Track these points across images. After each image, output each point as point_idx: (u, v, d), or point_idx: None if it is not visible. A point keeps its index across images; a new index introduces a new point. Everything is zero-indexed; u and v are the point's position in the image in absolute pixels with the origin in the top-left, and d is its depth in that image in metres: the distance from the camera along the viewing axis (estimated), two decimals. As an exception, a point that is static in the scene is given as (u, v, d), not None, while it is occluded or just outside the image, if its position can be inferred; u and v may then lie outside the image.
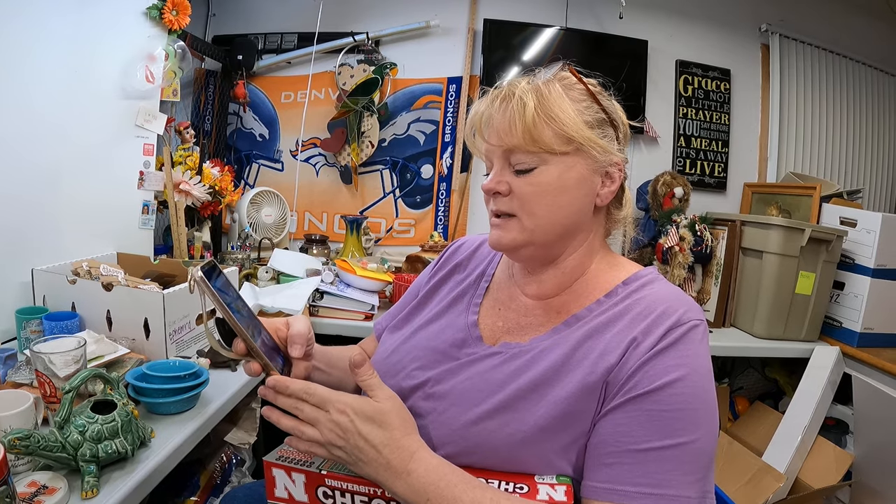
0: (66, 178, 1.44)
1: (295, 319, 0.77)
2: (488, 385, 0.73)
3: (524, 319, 0.81)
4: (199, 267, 0.66)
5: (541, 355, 0.73)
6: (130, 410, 0.87)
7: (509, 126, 0.73)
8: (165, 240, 2.05)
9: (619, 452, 0.64)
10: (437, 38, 2.46)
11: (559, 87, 0.75)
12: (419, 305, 0.95)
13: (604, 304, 0.75)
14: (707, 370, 0.68)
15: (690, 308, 0.71)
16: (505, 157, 0.75)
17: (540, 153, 0.73)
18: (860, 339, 1.91)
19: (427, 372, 0.80)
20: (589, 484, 0.66)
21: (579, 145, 0.73)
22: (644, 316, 0.70)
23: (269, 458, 0.73)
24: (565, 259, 0.79)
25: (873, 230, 1.90)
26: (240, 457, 1.51)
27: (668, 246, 2.11)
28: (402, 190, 2.53)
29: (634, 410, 0.65)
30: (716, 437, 0.68)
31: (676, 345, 0.67)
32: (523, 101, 0.72)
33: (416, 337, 0.87)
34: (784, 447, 1.76)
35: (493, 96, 0.76)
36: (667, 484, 0.62)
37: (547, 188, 0.73)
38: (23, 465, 0.79)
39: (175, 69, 1.71)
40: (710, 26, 2.57)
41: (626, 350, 0.68)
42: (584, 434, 0.68)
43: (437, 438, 0.72)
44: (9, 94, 1.26)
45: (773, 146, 2.59)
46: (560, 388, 0.69)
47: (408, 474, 0.64)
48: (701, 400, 0.66)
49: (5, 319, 1.25)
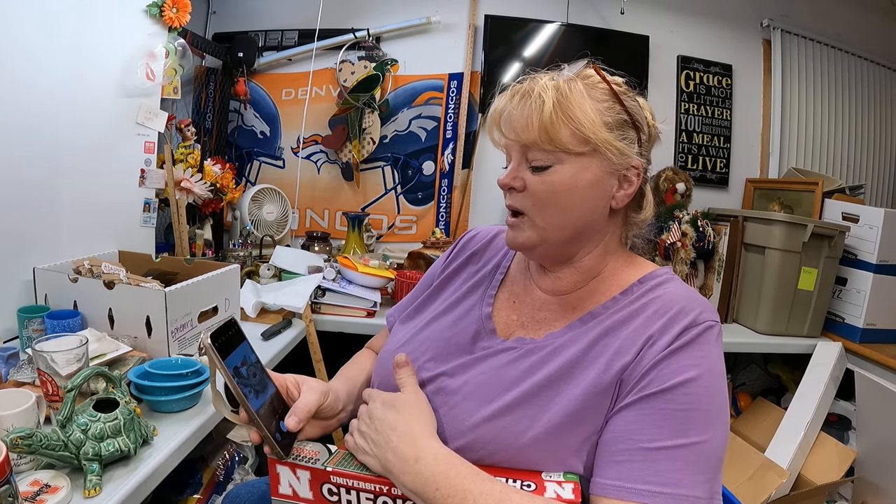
0: (67, 176, 1.44)
1: (308, 387, 0.77)
2: (502, 381, 0.73)
3: (539, 314, 0.81)
4: (210, 332, 0.66)
5: (556, 352, 0.73)
6: (133, 409, 0.87)
7: (527, 122, 0.73)
8: (167, 238, 2.05)
9: (630, 450, 0.64)
10: (438, 35, 2.46)
11: (581, 85, 0.74)
12: (432, 295, 0.94)
13: (620, 301, 0.75)
14: (721, 372, 0.69)
15: (706, 309, 0.71)
16: (522, 153, 0.76)
17: (556, 152, 0.72)
18: (863, 335, 1.91)
19: (440, 365, 0.79)
20: (598, 481, 0.66)
21: (596, 146, 0.72)
22: (661, 314, 0.70)
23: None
24: (581, 259, 0.79)
25: (876, 226, 1.90)
26: (242, 454, 1.51)
27: (670, 242, 2.10)
28: (404, 186, 2.53)
29: (647, 408, 0.65)
30: (726, 439, 0.67)
31: (692, 345, 0.67)
32: (542, 99, 0.72)
33: (430, 328, 0.86)
34: (786, 443, 1.76)
35: (514, 91, 0.76)
36: (677, 483, 0.62)
37: (559, 188, 0.73)
38: (25, 463, 0.80)
39: (176, 66, 1.70)
40: (711, 22, 2.56)
41: (641, 348, 0.68)
42: (596, 431, 0.68)
43: (449, 432, 0.72)
44: (9, 92, 1.26)
45: (775, 142, 2.58)
46: (574, 385, 0.69)
47: (416, 461, 0.64)
48: (713, 400, 0.66)
49: (7, 318, 1.25)
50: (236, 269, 1.50)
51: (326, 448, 0.75)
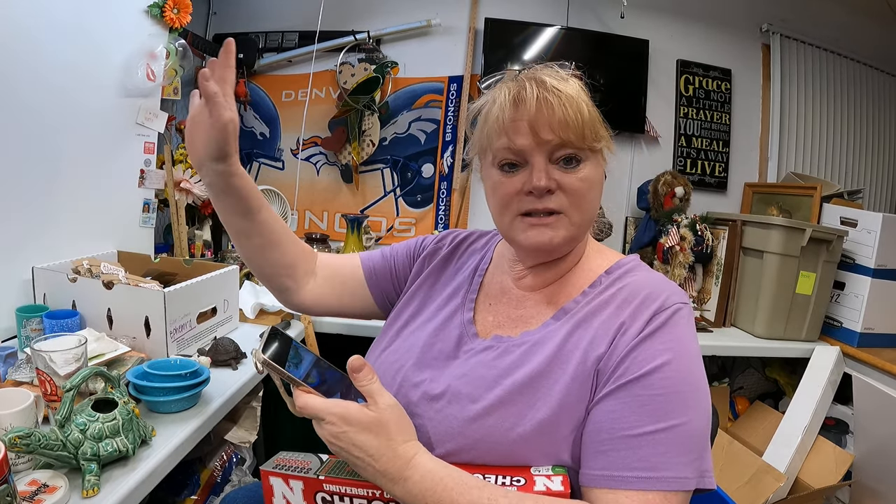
0: (67, 176, 1.44)
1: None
2: (484, 381, 0.73)
3: (515, 312, 0.82)
4: (260, 350, 0.66)
5: (533, 349, 0.74)
6: (131, 409, 0.87)
7: (568, 121, 0.70)
8: (166, 238, 2.05)
9: (612, 439, 0.65)
10: (439, 37, 2.46)
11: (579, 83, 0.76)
12: (410, 300, 0.93)
13: (589, 294, 0.77)
14: (695, 352, 0.70)
15: (674, 292, 0.72)
16: (549, 152, 0.73)
17: (584, 150, 0.74)
18: (860, 339, 1.91)
19: (424, 371, 0.80)
20: (586, 472, 0.66)
21: (605, 143, 0.76)
22: (629, 302, 0.72)
23: (265, 466, 0.73)
24: (571, 252, 0.81)
25: (874, 230, 1.90)
26: (240, 455, 1.50)
27: (668, 245, 2.11)
28: (403, 189, 2.53)
29: (625, 397, 0.66)
30: (709, 417, 0.69)
31: (662, 329, 0.68)
32: (578, 98, 0.72)
33: (414, 336, 0.86)
34: (784, 447, 1.76)
35: (535, 89, 0.72)
36: (663, 466, 0.62)
37: (592, 183, 0.75)
38: (23, 463, 0.79)
39: (176, 67, 1.71)
40: (710, 26, 2.57)
41: (614, 337, 0.70)
42: (580, 423, 0.69)
43: (436, 437, 0.72)
44: (9, 92, 1.26)
45: (773, 146, 2.59)
46: (555, 380, 0.70)
47: (404, 481, 0.64)
48: (689, 382, 0.67)
49: (6, 317, 1.25)
50: (235, 270, 1.50)
51: (318, 457, 0.75)
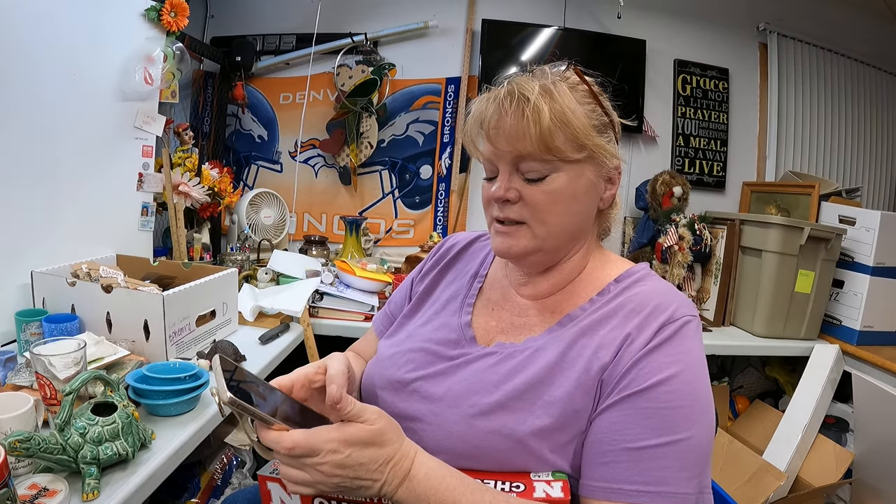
0: (65, 179, 1.44)
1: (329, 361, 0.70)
2: (484, 386, 0.72)
3: (518, 319, 0.80)
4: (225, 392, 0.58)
5: (535, 355, 0.73)
6: (131, 412, 0.87)
7: (524, 132, 0.69)
8: (165, 241, 2.04)
9: (615, 451, 0.64)
10: (436, 39, 2.47)
11: (565, 87, 0.72)
12: (413, 310, 0.93)
13: (596, 302, 0.75)
14: (701, 366, 0.68)
15: (682, 304, 0.70)
16: (514, 163, 0.72)
17: (553, 161, 0.70)
18: (860, 337, 1.92)
19: (420, 373, 0.79)
20: (586, 483, 0.66)
21: (591, 153, 0.72)
22: (637, 312, 0.70)
23: (263, 471, 0.73)
24: (566, 262, 0.79)
25: (872, 228, 1.90)
26: (240, 458, 1.50)
27: (667, 245, 2.11)
28: (401, 190, 2.53)
29: (629, 408, 0.65)
30: (712, 433, 0.68)
31: (670, 341, 0.67)
32: (538, 108, 0.68)
33: (411, 340, 0.86)
34: (784, 445, 1.77)
35: (500, 97, 0.71)
36: (663, 481, 0.62)
37: (560, 196, 0.72)
38: (23, 467, 0.79)
39: (174, 70, 1.70)
40: (707, 26, 2.58)
41: (620, 347, 0.68)
42: (581, 433, 0.68)
43: (434, 441, 0.71)
44: (8, 96, 1.26)
45: (771, 145, 2.59)
46: (556, 387, 0.69)
47: (409, 480, 0.63)
48: (695, 396, 0.65)
49: (5, 321, 1.24)
50: (234, 273, 1.50)
51: None
